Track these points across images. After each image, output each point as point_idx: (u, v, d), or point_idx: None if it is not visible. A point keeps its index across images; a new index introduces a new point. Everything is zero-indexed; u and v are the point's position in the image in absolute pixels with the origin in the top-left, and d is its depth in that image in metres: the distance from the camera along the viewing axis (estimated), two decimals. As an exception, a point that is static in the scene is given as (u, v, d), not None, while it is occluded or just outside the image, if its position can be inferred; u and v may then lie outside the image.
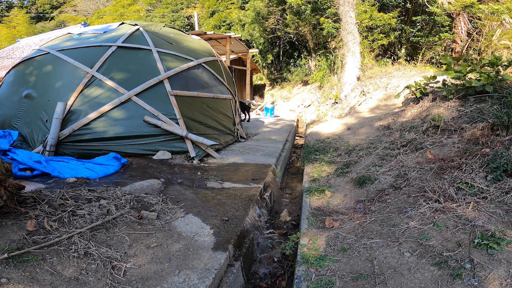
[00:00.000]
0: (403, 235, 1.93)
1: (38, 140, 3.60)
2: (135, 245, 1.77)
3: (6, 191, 1.91)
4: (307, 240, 2.11)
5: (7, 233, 1.73)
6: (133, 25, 4.73)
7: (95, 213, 2.05)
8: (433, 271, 1.56)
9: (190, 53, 4.61)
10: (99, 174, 2.97)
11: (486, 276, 1.46)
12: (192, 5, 26.24)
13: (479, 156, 2.57)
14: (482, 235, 1.71)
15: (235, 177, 3.25)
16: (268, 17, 15.20)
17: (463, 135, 3.17)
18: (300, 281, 1.69)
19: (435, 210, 2.12)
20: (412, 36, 11.16)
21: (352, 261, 1.79)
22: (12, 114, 3.90)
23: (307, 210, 2.61)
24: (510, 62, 3.96)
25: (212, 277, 1.55)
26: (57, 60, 4.03)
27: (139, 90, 3.80)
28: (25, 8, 37.95)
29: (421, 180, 2.65)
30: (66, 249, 1.65)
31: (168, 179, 3.01)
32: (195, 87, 4.36)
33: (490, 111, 3.31)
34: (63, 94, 3.71)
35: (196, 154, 3.83)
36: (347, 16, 9.00)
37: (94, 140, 3.59)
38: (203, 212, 2.31)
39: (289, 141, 6.20)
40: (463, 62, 4.50)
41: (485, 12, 8.64)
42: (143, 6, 29.43)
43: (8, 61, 11.82)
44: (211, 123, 4.44)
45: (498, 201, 2.08)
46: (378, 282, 1.56)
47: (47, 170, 2.92)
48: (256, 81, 21.09)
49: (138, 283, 1.48)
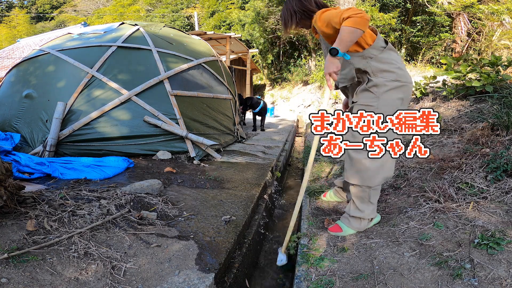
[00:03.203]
0: (403, 235, 1.93)
1: (38, 140, 3.60)
2: (135, 245, 1.77)
3: (6, 191, 1.92)
4: (307, 240, 2.11)
5: (7, 233, 1.73)
6: (133, 25, 4.73)
7: (95, 213, 2.05)
8: (433, 271, 1.56)
9: (190, 53, 4.61)
10: (103, 176, 2.96)
11: (486, 276, 1.46)
12: (192, 5, 26.24)
13: (479, 156, 2.57)
14: (482, 235, 1.72)
15: (235, 177, 3.25)
16: (268, 17, 15.20)
17: (463, 135, 3.17)
18: (300, 281, 1.69)
19: (435, 210, 2.12)
20: (412, 36, 11.16)
21: (352, 261, 1.79)
22: (12, 114, 3.90)
23: (307, 210, 2.61)
24: (510, 62, 3.96)
25: (212, 277, 1.55)
26: (57, 60, 4.03)
27: (139, 90, 3.80)
28: (25, 8, 37.96)
29: (421, 180, 2.65)
30: (66, 249, 1.65)
31: (168, 179, 3.01)
32: (195, 87, 4.36)
33: (490, 111, 3.31)
34: (63, 94, 3.71)
35: (196, 154, 3.83)
36: (347, 16, 8.99)
37: (94, 140, 3.59)
38: (203, 212, 2.31)
39: (289, 141, 6.20)
40: (463, 62, 4.50)
41: (485, 12, 8.64)
42: (143, 6, 29.44)
43: (8, 61, 11.83)
44: (211, 123, 4.44)
45: (498, 201, 2.08)
46: (378, 282, 1.56)
47: (49, 171, 2.92)
48: (256, 81, 21.09)
49: (138, 283, 1.48)
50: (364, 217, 2.04)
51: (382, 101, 1.83)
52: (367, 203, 2.02)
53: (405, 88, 1.86)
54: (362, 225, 2.07)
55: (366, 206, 2.02)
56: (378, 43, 1.83)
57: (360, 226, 2.07)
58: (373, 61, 1.83)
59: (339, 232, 2.11)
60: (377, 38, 1.84)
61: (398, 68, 1.84)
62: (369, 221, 2.10)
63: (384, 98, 1.83)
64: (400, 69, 1.85)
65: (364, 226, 2.08)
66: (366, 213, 2.02)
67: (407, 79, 1.87)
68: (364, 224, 2.07)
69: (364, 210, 2.02)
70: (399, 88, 1.84)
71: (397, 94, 1.84)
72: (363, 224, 2.07)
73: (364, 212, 2.02)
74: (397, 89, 1.84)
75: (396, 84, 1.83)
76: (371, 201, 2.01)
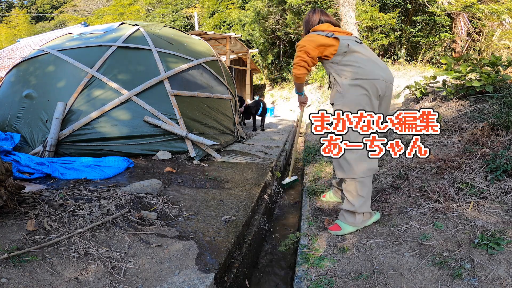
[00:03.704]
0: (403, 235, 1.93)
1: (38, 140, 3.60)
2: (135, 245, 1.77)
3: (6, 191, 1.91)
4: (307, 240, 2.11)
5: (7, 233, 1.73)
6: (133, 25, 4.73)
7: (95, 213, 2.05)
8: (433, 271, 1.56)
9: (190, 53, 4.61)
10: (103, 176, 2.96)
11: (486, 276, 1.46)
12: (192, 5, 26.24)
13: (479, 156, 2.57)
14: (482, 235, 1.72)
15: (235, 177, 3.25)
16: (268, 17, 15.20)
17: (463, 135, 3.17)
18: (300, 281, 1.69)
19: (435, 210, 2.12)
20: (412, 36, 11.16)
21: (352, 261, 1.79)
22: (12, 114, 3.90)
23: (307, 210, 2.61)
24: (510, 62, 3.96)
25: (212, 277, 1.55)
26: (57, 60, 4.03)
27: (139, 90, 3.80)
28: (25, 8, 37.96)
29: (421, 180, 2.65)
30: (66, 249, 1.65)
31: (168, 179, 3.01)
32: (195, 87, 4.36)
33: (490, 111, 3.31)
34: (63, 94, 3.71)
35: (196, 154, 3.83)
36: (347, 16, 9.00)
37: (94, 140, 3.59)
38: (203, 212, 2.31)
39: (289, 141, 6.20)
40: (463, 62, 4.50)
41: (485, 12, 8.64)
42: (143, 6, 29.43)
43: (8, 61, 11.83)
44: (211, 123, 4.44)
45: (498, 201, 2.08)
46: (378, 282, 1.56)
47: (49, 171, 2.92)
48: (256, 81, 21.09)
49: (138, 283, 1.48)
50: (356, 211, 2.07)
51: (347, 99, 1.99)
52: (356, 196, 2.06)
53: (367, 84, 1.98)
54: (357, 220, 2.10)
55: (356, 200, 2.07)
56: (340, 50, 2.04)
57: (355, 221, 2.10)
58: (337, 65, 2.07)
59: (339, 231, 2.13)
60: (339, 46, 2.03)
61: (358, 67, 2.01)
62: (364, 216, 2.12)
63: (347, 96, 2.00)
64: (360, 67, 2.00)
65: (359, 221, 2.11)
66: (357, 206, 2.06)
67: (368, 75, 1.99)
68: (359, 219, 2.10)
69: (354, 203, 2.07)
70: (360, 85, 1.98)
71: (360, 91, 1.98)
72: (358, 219, 2.10)
73: (355, 206, 2.06)
74: (358, 86, 1.98)
75: (356, 82, 1.98)
76: (360, 193, 2.06)
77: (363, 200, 2.07)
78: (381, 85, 2.02)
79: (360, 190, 2.05)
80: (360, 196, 2.06)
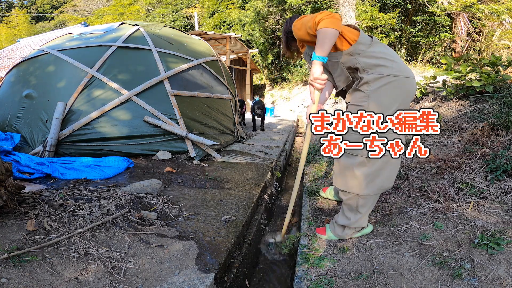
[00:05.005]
0: (403, 235, 1.93)
1: (38, 140, 3.60)
2: (135, 245, 1.77)
3: (6, 191, 1.91)
4: (307, 240, 2.11)
5: (7, 233, 1.73)
6: (133, 25, 4.73)
7: (95, 213, 2.05)
8: (433, 271, 1.56)
9: (190, 53, 4.61)
10: (103, 176, 2.96)
11: (486, 276, 1.46)
12: (192, 5, 26.24)
13: (479, 156, 2.57)
14: (482, 235, 1.72)
15: (235, 177, 3.25)
16: (268, 17, 15.20)
17: (463, 135, 3.17)
18: (300, 281, 1.69)
19: (435, 210, 2.12)
20: (412, 36, 11.17)
21: (352, 261, 1.79)
22: (12, 114, 3.90)
23: (307, 210, 2.61)
24: (510, 62, 3.96)
25: (212, 277, 1.55)
26: (57, 60, 4.03)
27: (139, 90, 3.80)
28: (25, 8, 37.95)
29: (421, 180, 2.65)
30: (66, 249, 1.65)
31: (168, 179, 3.01)
32: (195, 87, 4.36)
33: (490, 111, 3.31)
34: (63, 94, 3.71)
35: (196, 154, 3.83)
36: (347, 16, 9.01)
37: (94, 140, 3.59)
38: (203, 212, 2.31)
39: (289, 141, 6.20)
40: (463, 62, 4.50)
41: (485, 12, 8.64)
42: (143, 6, 29.43)
43: (8, 61, 11.83)
44: (211, 123, 4.44)
45: (498, 201, 2.08)
46: (378, 282, 1.56)
47: (49, 171, 2.92)
48: (256, 81, 21.09)
49: (138, 283, 1.48)
50: (349, 226, 1.94)
51: (373, 100, 1.70)
52: (354, 211, 1.91)
53: (402, 82, 1.70)
54: (345, 233, 1.99)
55: (353, 215, 1.92)
56: (363, 38, 1.73)
57: (342, 234, 2.00)
58: (362, 56, 1.71)
59: (323, 236, 2.08)
60: (361, 34, 1.74)
61: (391, 61, 1.70)
62: (355, 230, 2.00)
63: (375, 96, 1.69)
64: (395, 62, 1.71)
65: (347, 235, 1.99)
66: (351, 221, 1.92)
67: (405, 73, 1.71)
68: (347, 233, 1.99)
69: (350, 218, 1.92)
70: (394, 83, 1.69)
71: (392, 91, 1.70)
72: (347, 232, 1.98)
73: (350, 220, 1.92)
74: (391, 84, 1.69)
75: (390, 79, 1.68)
76: (359, 210, 1.89)
77: (360, 216, 1.92)
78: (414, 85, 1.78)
79: (361, 207, 1.89)
80: (358, 213, 1.91)
